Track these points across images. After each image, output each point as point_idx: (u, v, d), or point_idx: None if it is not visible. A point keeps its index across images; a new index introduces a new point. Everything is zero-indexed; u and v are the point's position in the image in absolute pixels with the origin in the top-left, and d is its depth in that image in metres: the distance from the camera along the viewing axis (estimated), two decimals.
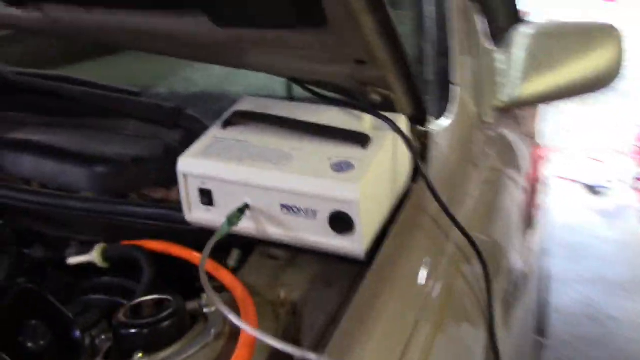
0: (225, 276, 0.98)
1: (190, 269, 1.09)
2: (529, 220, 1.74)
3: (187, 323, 0.87)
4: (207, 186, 1.01)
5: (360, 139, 0.99)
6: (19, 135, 1.29)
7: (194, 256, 1.06)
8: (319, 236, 0.96)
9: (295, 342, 0.89)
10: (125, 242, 1.15)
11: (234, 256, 1.11)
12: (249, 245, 1.10)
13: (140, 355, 0.79)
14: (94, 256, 1.14)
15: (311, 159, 0.97)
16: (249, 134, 1.05)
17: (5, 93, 1.36)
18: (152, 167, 1.20)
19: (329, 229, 0.95)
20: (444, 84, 1.32)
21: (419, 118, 1.18)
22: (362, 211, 0.92)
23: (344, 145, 0.99)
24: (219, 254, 1.08)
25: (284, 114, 1.07)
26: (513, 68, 1.44)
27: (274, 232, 0.99)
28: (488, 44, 1.49)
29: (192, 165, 1.01)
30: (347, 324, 0.82)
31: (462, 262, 1.06)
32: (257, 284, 0.99)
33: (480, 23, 1.50)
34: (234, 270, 1.00)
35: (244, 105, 1.13)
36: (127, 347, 0.82)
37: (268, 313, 0.93)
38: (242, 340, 0.80)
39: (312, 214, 0.95)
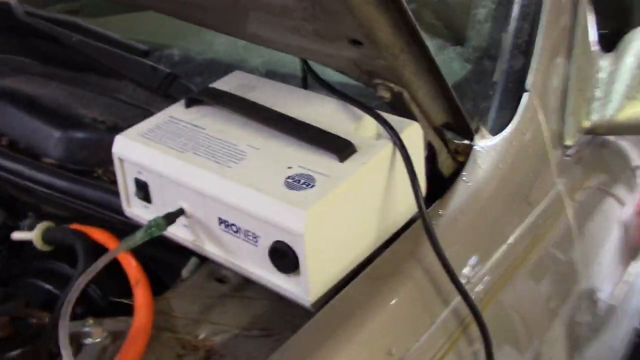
0: (140, 295, 0.76)
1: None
2: (634, 252, 1.39)
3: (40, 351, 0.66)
4: (143, 177, 0.79)
5: (340, 147, 0.73)
6: (5, 82, 1.14)
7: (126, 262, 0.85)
8: (259, 268, 0.72)
9: None
10: (75, 226, 0.96)
11: (189, 266, 0.89)
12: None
13: None
14: (33, 236, 0.96)
15: (266, 164, 0.72)
16: (209, 119, 0.81)
17: (11, 33, 1.22)
18: None
19: (270, 261, 0.70)
20: (514, 88, 1.01)
21: (457, 128, 0.89)
22: (309, 247, 0.66)
23: (318, 152, 0.73)
24: (175, 257, 0.87)
25: (268, 99, 0.83)
26: (619, 81, 1.08)
27: (211, 249, 0.76)
28: (593, 47, 1.13)
29: (128, 147, 0.80)
30: None
31: (459, 338, 0.76)
32: (181, 314, 0.77)
33: (590, 19, 1.15)
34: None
35: (230, 82, 0.89)
36: None
37: (169, 356, 0.70)
38: None
39: (252, 238, 0.71)
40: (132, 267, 0.80)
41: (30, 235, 0.97)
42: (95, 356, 0.67)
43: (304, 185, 0.68)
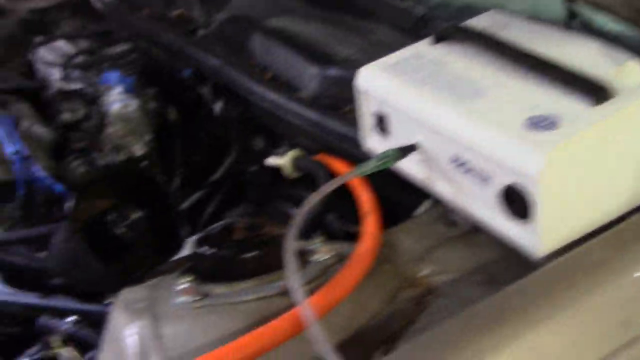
0: (369, 223, 0.77)
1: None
2: None
3: (272, 262, 0.70)
4: (383, 110, 0.79)
5: (594, 90, 0.65)
6: (273, 22, 1.22)
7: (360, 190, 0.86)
8: (487, 211, 0.68)
9: (392, 337, 0.65)
10: (321, 156, 1.01)
11: (423, 207, 0.88)
12: None
13: (188, 279, 0.66)
14: (285, 161, 1.03)
15: (508, 104, 0.68)
16: (455, 56, 0.78)
17: None
18: None
19: (500, 206, 0.66)
20: None
21: None
22: (545, 193, 0.61)
23: (568, 93, 0.66)
24: (408, 197, 0.86)
25: (521, 38, 0.77)
26: None
27: (439, 188, 0.74)
28: None
29: (373, 80, 0.80)
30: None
31: None
32: (405, 249, 0.76)
33: None
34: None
35: (483, 20, 0.85)
36: (196, 266, 0.70)
37: (381, 289, 0.70)
38: (288, 316, 0.60)
39: (484, 179, 0.67)
40: (365, 195, 0.81)
41: (281, 161, 1.05)
42: (317, 273, 0.70)
43: (546, 127, 0.63)
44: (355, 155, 0.95)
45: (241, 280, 0.67)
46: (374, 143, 0.83)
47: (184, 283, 0.65)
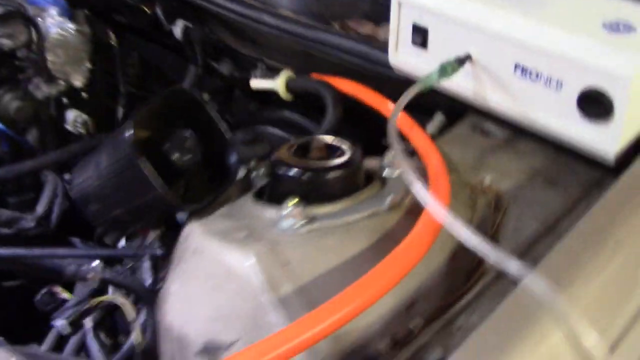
0: (420, 140, 0.76)
1: (379, 122, 0.89)
2: None
3: (359, 181, 0.68)
4: (424, 22, 0.78)
5: None
6: None
7: (386, 106, 0.86)
8: (558, 116, 0.70)
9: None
10: (315, 75, 0.98)
11: (435, 122, 0.89)
12: (456, 113, 0.87)
13: (293, 202, 0.62)
14: (278, 84, 0.98)
15: (576, 9, 0.70)
16: None
17: None
18: None
19: (575, 110, 0.69)
20: None
21: None
22: (633, 95, 0.64)
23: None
24: (416, 116, 0.87)
25: None
26: None
27: (498, 99, 0.75)
28: None
29: None
30: (571, 241, 0.58)
31: None
32: (457, 159, 0.77)
33: None
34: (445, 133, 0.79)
35: None
36: (282, 189, 0.66)
37: (462, 197, 0.71)
38: (424, 219, 0.59)
39: (556, 84, 0.69)
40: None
41: (271, 84, 1.00)
42: (400, 191, 0.69)
43: (625, 31, 0.66)
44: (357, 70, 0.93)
45: (334, 200, 0.65)
46: (407, 57, 0.82)
47: (288, 207, 0.61)
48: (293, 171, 0.65)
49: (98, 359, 0.74)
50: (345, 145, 0.69)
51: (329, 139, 0.70)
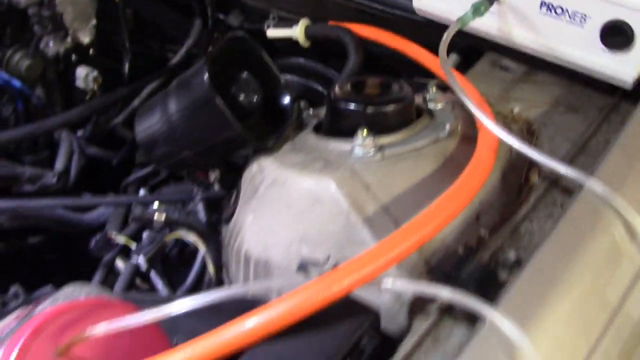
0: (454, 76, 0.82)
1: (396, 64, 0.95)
2: None
3: (412, 113, 0.74)
4: None
5: None
6: None
7: (409, 47, 0.92)
8: (580, 48, 0.78)
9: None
10: (332, 22, 1.02)
11: (450, 61, 0.96)
12: (474, 52, 0.94)
13: (364, 133, 0.67)
14: (296, 31, 1.03)
15: None
16: None
17: None
18: None
19: (597, 41, 0.76)
20: None
21: None
22: None
23: None
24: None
25: None
26: None
27: (523, 36, 0.82)
28: None
29: None
30: (618, 150, 0.66)
31: None
32: (486, 93, 0.84)
33: None
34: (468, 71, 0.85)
35: None
36: (345, 124, 0.71)
37: (499, 125, 0.78)
38: (482, 139, 0.66)
39: (580, 19, 0.77)
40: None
41: (289, 32, 1.04)
42: (445, 116, 0.75)
43: None
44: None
45: (394, 131, 0.71)
46: (431, 1, 0.87)
47: (361, 137, 0.67)
48: (358, 106, 0.71)
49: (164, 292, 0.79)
50: (395, 83, 0.75)
51: (380, 78, 0.76)
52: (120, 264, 0.81)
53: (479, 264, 0.60)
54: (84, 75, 1.14)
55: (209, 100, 0.68)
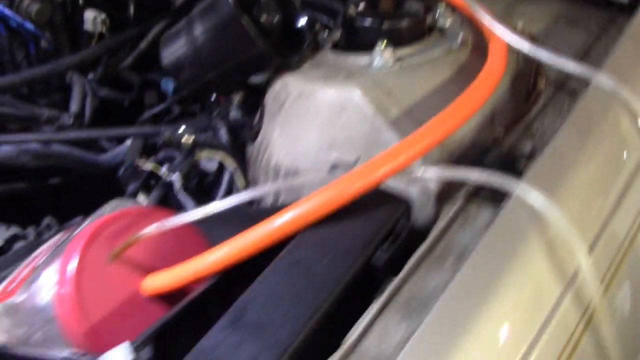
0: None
1: None
2: None
3: (424, 28, 0.78)
4: None
5: None
6: None
7: None
8: None
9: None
10: None
11: None
12: None
13: (383, 45, 0.71)
14: None
15: None
16: None
17: None
18: None
19: None
20: None
21: None
22: None
23: None
24: None
25: None
26: None
27: None
28: None
29: None
30: (620, 51, 0.71)
31: None
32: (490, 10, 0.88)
33: None
34: None
35: None
36: (362, 40, 0.75)
37: None
38: (494, 46, 0.70)
39: None
40: None
41: None
42: (455, 31, 0.79)
43: None
44: None
45: (409, 44, 0.75)
46: None
47: (380, 49, 0.71)
48: (374, 21, 0.74)
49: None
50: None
51: None
52: (142, 197, 0.85)
53: (498, 155, 0.65)
54: (92, 18, 1.16)
55: (235, 20, 0.71)
